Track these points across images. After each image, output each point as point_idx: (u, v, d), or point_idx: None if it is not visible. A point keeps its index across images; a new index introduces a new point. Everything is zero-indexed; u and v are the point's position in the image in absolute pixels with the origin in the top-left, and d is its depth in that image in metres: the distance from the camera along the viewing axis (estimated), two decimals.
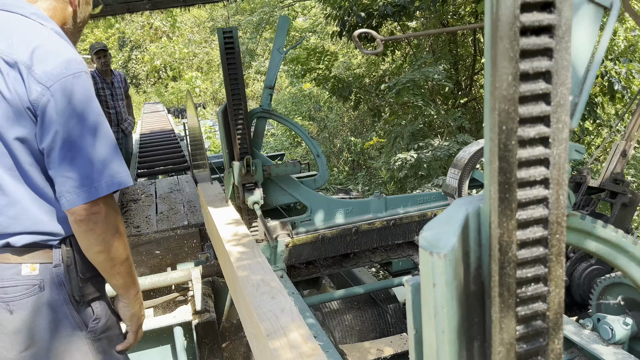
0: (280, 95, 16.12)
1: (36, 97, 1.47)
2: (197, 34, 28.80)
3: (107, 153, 1.56)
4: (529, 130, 0.62)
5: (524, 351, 0.69)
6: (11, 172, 1.54)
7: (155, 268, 3.88)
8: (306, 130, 5.25)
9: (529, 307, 0.68)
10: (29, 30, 1.55)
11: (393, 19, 9.16)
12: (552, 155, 0.64)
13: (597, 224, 0.85)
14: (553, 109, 0.62)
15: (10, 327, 1.59)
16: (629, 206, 2.23)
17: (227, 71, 2.85)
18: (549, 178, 0.64)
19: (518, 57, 0.60)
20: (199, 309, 2.84)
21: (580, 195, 2.41)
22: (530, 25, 0.59)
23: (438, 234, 0.70)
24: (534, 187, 0.64)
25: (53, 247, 1.62)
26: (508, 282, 0.66)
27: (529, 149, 0.63)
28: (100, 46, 6.37)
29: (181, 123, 12.45)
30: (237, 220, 2.88)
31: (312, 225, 3.05)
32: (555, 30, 0.60)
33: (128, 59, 29.34)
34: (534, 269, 0.67)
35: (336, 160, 12.82)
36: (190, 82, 24.51)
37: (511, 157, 0.62)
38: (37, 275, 1.59)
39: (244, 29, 16.85)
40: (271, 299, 1.95)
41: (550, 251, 0.67)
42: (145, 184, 6.12)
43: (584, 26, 0.81)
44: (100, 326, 1.72)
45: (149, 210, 4.94)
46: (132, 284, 1.76)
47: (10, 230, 1.57)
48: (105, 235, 1.59)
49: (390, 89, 9.21)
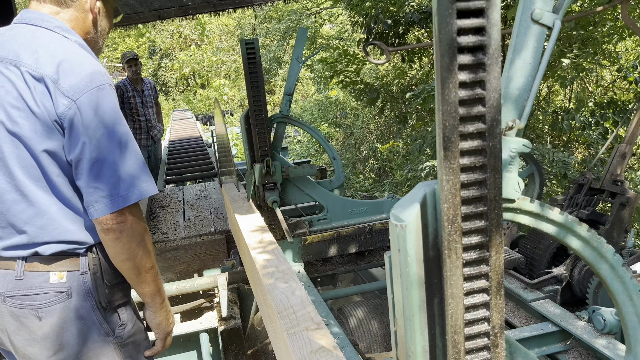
0: (307, 102, 16.40)
1: (63, 110, 1.53)
2: (225, 42, 29.46)
3: (133, 162, 1.61)
4: (468, 127, 0.81)
5: (471, 305, 0.87)
6: (39, 184, 1.60)
7: (182, 274, 3.98)
8: (323, 134, 5.44)
9: (474, 268, 0.86)
10: (54, 44, 1.61)
11: (420, 26, 9.26)
12: (488, 147, 0.82)
13: (545, 207, 1.02)
14: (487, 110, 0.81)
15: (39, 333, 1.65)
16: (626, 206, 2.34)
17: (249, 79, 3.11)
18: (486, 164, 0.82)
19: (457, 69, 0.78)
20: (224, 315, 2.90)
21: (582, 196, 2.55)
22: (466, 45, 0.78)
23: (402, 210, 0.89)
24: (474, 172, 0.83)
25: (80, 255, 1.68)
26: (455, 247, 0.84)
27: (469, 141, 0.82)
28: (132, 55, 6.65)
29: (209, 130, 12.76)
30: (262, 227, 2.94)
31: (328, 223, 3.25)
32: (486, 48, 0.79)
33: (158, 67, 30.20)
34: (476, 237, 0.85)
35: (362, 167, 12.98)
36: (218, 89, 25.05)
37: (454, 147, 0.81)
38: (65, 283, 1.65)
39: (272, 36, 17.23)
40: (297, 309, 1.91)
41: (490, 223, 0.85)
42: (173, 190, 6.27)
43: (530, 42, 0.99)
44: (126, 332, 1.77)
45: (177, 216, 5.08)
46: (157, 293, 1.81)
47: (38, 240, 1.63)
48: (130, 244, 1.64)
49: (416, 96, 9.32)
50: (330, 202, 3.23)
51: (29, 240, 1.62)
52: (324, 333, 1.65)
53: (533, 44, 0.99)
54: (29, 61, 1.55)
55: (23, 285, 1.62)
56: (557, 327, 2.18)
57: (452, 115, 0.80)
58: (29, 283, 1.63)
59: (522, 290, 2.59)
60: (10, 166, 1.58)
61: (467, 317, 0.87)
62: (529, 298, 2.50)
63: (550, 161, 9.06)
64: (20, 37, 1.62)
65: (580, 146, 11.67)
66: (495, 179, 0.83)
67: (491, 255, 0.86)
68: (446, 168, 0.81)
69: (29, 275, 1.63)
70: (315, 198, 3.29)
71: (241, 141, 14.40)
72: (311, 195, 3.26)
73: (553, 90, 11.87)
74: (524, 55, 0.99)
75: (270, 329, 2.20)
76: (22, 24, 1.67)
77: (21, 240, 1.63)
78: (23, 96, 1.54)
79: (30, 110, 1.54)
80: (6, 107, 1.55)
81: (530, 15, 0.98)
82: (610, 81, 11.59)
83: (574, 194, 2.66)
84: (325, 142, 3.53)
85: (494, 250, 0.86)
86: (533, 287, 2.53)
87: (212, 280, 3.07)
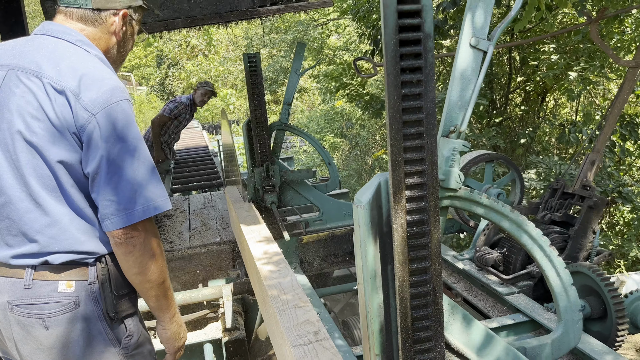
0: (313, 113, 16.73)
1: (83, 124, 1.57)
2: (232, 52, 30.01)
3: (148, 178, 1.66)
4: (410, 129, 1.08)
5: (415, 269, 1.13)
6: (53, 194, 1.63)
7: (187, 284, 4.01)
8: (319, 140, 5.72)
9: (416, 240, 1.12)
10: (76, 57, 1.66)
11: None
12: (427, 144, 1.09)
13: (475, 193, 1.29)
14: (425, 116, 1.08)
15: (46, 342, 1.67)
16: (594, 209, 2.61)
17: (251, 89, 3.43)
18: (425, 158, 1.09)
19: (400, 85, 1.05)
20: (229, 326, 2.95)
21: (556, 200, 2.82)
22: (407, 67, 1.05)
23: (362, 195, 1.15)
24: (416, 165, 1.09)
25: (89, 265, 1.70)
26: (401, 223, 1.11)
27: (411, 140, 1.08)
28: (213, 89, 6.94)
29: (215, 139, 13.01)
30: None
31: (323, 224, 3.54)
32: (423, 69, 1.06)
33: (165, 76, 30.82)
34: (418, 215, 1.11)
35: (368, 178, 13.23)
36: (225, 99, 25.50)
37: (399, 145, 1.08)
38: (73, 293, 1.67)
39: (279, 47, 17.62)
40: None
41: (428, 204, 1.11)
42: (179, 199, 6.39)
43: (470, 63, 1.27)
44: (133, 342, 1.79)
45: (182, 226, 5.16)
46: (167, 308, 1.85)
47: (49, 250, 1.65)
48: (142, 258, 1.68)
49: None
50: (325, 205, 3.53)
51: (40, 250, 1.65)
52: (309, 309, 1.89)
53: (472, 65, 1.26)
54: (52, 73, 1.60)
55: (31, 294, 1.65)
56: (527, 318, 2.43)
57: (397, 120, 1.07)
58: (37, 292, 1.65)
59: (499, 285, 2.87)
60: (26, 175, 1.61)
61: (412, 279, 1.13)
62: (504, 292, 2.77)
63: (557, 174, 9.24)
64: (43, 48, 1.67)
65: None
66: (433, 170, 1.10)
67: (430, 229, 1.12)
68: (393, 162, 1.08)
69: (38, 284, 1.65)
70: (311, 200, 3.61)
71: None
72: (307, 198, 3.58)
73: (560, 103, 12.08)
74: (464, 74, 1.27)
75: (264, 310, 2.37)
76: (44, 36, 1.72)
77: (32, 249, 1.65)
78: (43, 107, 1.58)
79: (49, 121, 1.58)
80: (26, 117, 1.59)
81: (469, 42, 1.26)
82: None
83: (549, 198, 2.94)
84: (322, 149, 3.86)
85: (432, 226, 1.12)
86: (508, 282, 2.81)
87: (217, 290, 3.12)
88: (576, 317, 1.46)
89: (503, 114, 12.23)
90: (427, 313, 1.15)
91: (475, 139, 10.60)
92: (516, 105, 12.23)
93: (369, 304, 1.17)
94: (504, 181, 3.36)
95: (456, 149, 1.27)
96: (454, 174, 1.27)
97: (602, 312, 2.30)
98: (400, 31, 1.03)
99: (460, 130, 1.27)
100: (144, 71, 32.44)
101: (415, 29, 1.03)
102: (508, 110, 12.23)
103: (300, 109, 20.33)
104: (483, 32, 1.28)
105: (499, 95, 12.37)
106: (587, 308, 2.26)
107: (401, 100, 1.06)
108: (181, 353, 1.99)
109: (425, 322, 1.14)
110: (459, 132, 1.27)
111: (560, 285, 1.45)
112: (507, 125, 12.20)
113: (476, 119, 12.14)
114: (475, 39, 1.26)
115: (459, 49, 1.25)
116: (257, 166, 3.53)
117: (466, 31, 1.26)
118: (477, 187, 3.25)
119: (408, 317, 1.12)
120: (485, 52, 1.26)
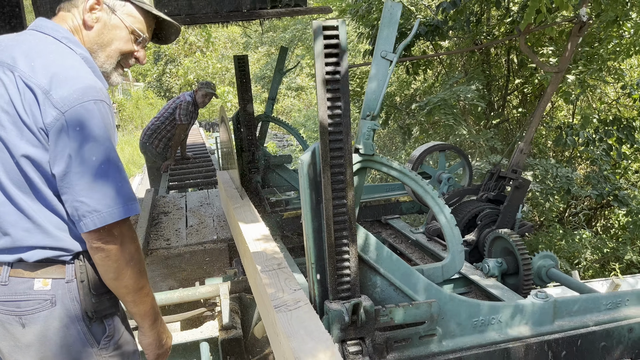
0: (310, 111, 17.43)
1: (51, 121, 1.59)
2: (230, 49, 30.72)
3: (118, 180, 1.68)
4: (335, 119, 1.78)
5: (336, 204, 1.84)
6: (23, 189, 1.66)
7: (184, 282, 4.04)
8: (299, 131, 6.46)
9: (337, 185, 1.83)
10: (56, 54, 1.70)
11: (426, 38, 9.88)
12: (344, 128, 1.79)
13: (390, 160, 2.00)
14: (342, 112, 1.78)
15: (22, 340, 1.71)
16: (519, 189, 3.43)
17: (240, 86, 4.34)
18: (342, 139, 1.79)
19: (326, 91, 1.76)
20: (225, 325, 3.03)
21: (492, 182, 3.66)
22: (329, 79, 1.76)
23: (303, 155, 1.86)
24: (337, 143, 1.80)
25: (66, 263, 1.73)
26: (327, 173, 1.81)
27: (334, 135, 1.79)
28: (214, 91, 7.70)
29: (212, 137, 13.53)
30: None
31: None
32: (339, 82, 1.77)
33: (162, 72, 31.59)
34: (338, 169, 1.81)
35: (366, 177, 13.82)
36: (223, 96, 26.20)
37: (325, 127, 1.78)
38: (49, 291, 1.70)
39: (277, 45, 18.30)
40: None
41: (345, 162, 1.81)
42: (176, 196, 6.43)
43: (380, 70, 1.99)
44: (112, 343, 1.82)
45: (179, 223, 5.26)
46: (146, 314, 1.87)
47: (24, 244, 1.68)
48: (118, 264, 1.70)
49: (421, 108, 9.97)
50: None
51: (13, 244, 1.68)
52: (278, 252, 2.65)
53: (382, 70, 2.00)
54: (25, 68, 1.63)
55: (7, 291, 1.69)
56: (461, 275, 3.16)
57: (325, 112, 1.77)
58: (13, 289, 1.69)
59: (442, 251, 3.64)
60: None
61: (335, 211, 1.84)
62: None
63: (553, 176, 9.68)
64: (26, 43, 1.71)
65: (584, 162, 12.36)
66: (347, 145, 1.81)
67: (346, 177, 1.83)
68: (322, 139, 1.79)
69: (14, 281, 1.69)
70: (290, 182, 4.65)
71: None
72: (287, 180, 4.49)
73: (556, 106, 12.59)
74: (377, 77, 2.00)
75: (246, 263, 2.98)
76: (33, 31, 1.78)
77: (5, 243, 1.69)
78: (13, 101, 1.61)
79: (18, 116, 1.61)
80: None
81: (379, 54, 1.97)
82: (614, 98, 12.30)
83: (487, 180, 3.74)
84: (299, 136, 4.91)
85: (347, 175, 1.83)
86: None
87: (214, 289, 3.19)
88: (459, 249, 2.18)
89: (500, 116, 12.69)
90: (345, 234, 1.86)
91: (472, 140, 11.07)
92: (514, 107, 12.73)
93: (308, 229, 1.88)
94: (454, 168, 4.19)
95: (370, 127, 1.99)
96: (369, 144, 1.99)
97: (515, 269, 3.05)
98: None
99: (374, 115, 1.98)
100: (141, 67, 33.18)
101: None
102: (505, 112, 12.69)
103: (297, 108, 21.02)
104: (390, 47, 2.00)
105: (496, 97, 12.82)
106: (504, 265, 3.03)
107: (327, 101, 1.76)
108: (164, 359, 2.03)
109: (344, 240, 1.86)
110: (373, 116, 1.98)
111: (448, 226, 2.16)
112: (505, 127, 12.64)
113: (474, 120, 12.65)
114: (384, 51, 1.99)
115: (374, 59, 1.96)
116: (244, 151, 4.58)
117: (378, 46, 1.97)
118: (432, 173, 4.04)
119: (332, 236, 1.84)
120: (391, 62, 1.98)
